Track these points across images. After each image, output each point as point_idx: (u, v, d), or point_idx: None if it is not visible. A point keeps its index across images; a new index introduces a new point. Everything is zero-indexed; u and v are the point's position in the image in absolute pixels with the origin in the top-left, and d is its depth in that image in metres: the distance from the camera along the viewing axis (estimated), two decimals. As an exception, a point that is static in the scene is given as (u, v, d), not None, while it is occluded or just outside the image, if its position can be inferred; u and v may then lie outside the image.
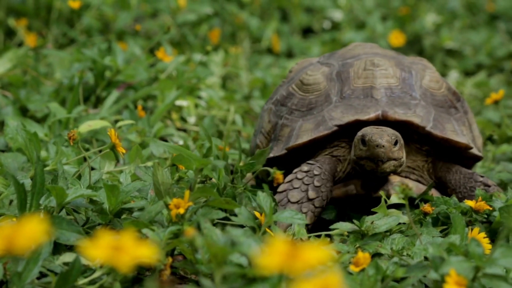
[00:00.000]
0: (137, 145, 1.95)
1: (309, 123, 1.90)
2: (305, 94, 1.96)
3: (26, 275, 1.30)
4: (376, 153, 1.73)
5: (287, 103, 1.98)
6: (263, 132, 2.01)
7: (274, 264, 0.85)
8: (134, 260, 0.91)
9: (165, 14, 3.70)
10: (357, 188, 1.86)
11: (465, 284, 1.30)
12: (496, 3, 4.94)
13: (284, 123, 1.95)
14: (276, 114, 1.99)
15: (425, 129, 1.87)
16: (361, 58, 1.98)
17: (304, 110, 1.94)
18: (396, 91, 1.92)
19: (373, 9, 4.52)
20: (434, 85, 1.98)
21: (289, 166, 1.90)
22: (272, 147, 1.94)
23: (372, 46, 2.07)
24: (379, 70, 1.94)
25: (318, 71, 1.97)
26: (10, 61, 2.64)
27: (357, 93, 1.91)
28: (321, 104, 1.93)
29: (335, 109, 1.90)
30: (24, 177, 1.64)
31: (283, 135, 1.93)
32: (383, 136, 1.74)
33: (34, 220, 0.88)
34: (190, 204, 1.45)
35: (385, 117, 1.86)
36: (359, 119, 1.86)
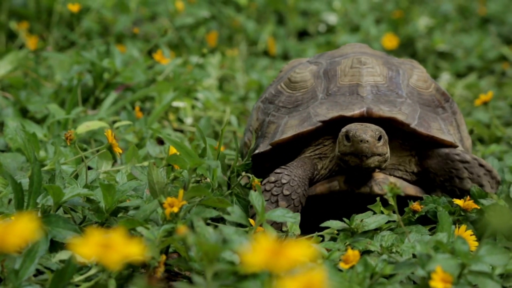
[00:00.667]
0: (133, 145, 1.96)
1: (294, 119, 1.88)
2: (292, 92, 1.94)
3: (23, 272, 1.30)
4: (360, 148, 1.71)
5: (275, 100, 1.96)
6: (251, 129, 1.99)
7: (259, 262, 0.86)
8: (123, 258, 0.91)
9: (163, 17, 3.71)
10: (340, 184, 1.82)
11: (450, 281, 1.30)
12: (488, 7, 4.95)
13: (271, 120, 1.93)
14: (264, 111, 1.97)
15: (410, 126, 1.84)
16: (349, 57, 1.96)
17: (291, 107, 1.92)
18: (383, 89, 1.90)
19: (367, 12, 4.52)
20: (421, 84, 1.95)
21: (277, 162, 1.88)
22: (258, 144, 1.92)
23: (362, 46, 2.05)
24: (365, 68, 1.92)
25: (306, 69, 1.96)
26: (11, 63, 2.64)
27: (343, 90, 1.89)
28: (307, 101, 1.91)
29: (320, 106, 1.88)
30: (22, 177, 1.64)
31: (269, 132, 1.91)
32: (367, 131, 1.72)
33: (25, 218, 0.88)
34: (184, 203, 1.46)
35: (369, 114, 1.83)
36: (343, 115, 1.83)
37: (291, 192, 1.77)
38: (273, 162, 1.90)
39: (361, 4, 4.62)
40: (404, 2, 4.79)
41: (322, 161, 1.87)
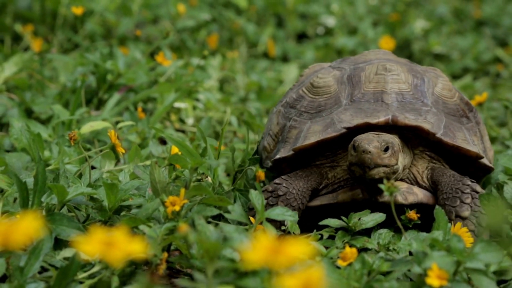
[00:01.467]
0: (136, 145, 1.96)
1: (317, 125, 1.81)
2: (315, 97, 1.87)
3: (28, 269, 1.30)
4: (363, 158, 1.65)
5: (296, 105, 1.89)
6: (271, 134, 1.92)
7: (259, 259, 0.86)
8: (125, 255, 0.91)
9: (165, 20, 3.71)
10: (363, 193, 1.75)
11: (446, 277, 1.30)
12: (483, 10, 4.95)
13: (293, 125, 1.86)
14: (285, 116, 1.89)
15: (436, 135, 1.76)
16: (373, 63, 1.89)
17: (313, 112, 1.85)
18: (408, 97, 1.82)
19: (364, 15, 4.52)
20: (446, 93, 1.87)
21: (296, 168, 1.83)
22: (279, 149, 1.85)
23: (386, 52, 1.98)
24: (390, 75, 1.84)
25: (329, 74, 1.89)
26: (16, 65, 2.64)
27: (367, 97, 1.82)
28: (330, 106, 1.83)
29: (344, 112, 1.80)
30: (27, 176, 1.64)
31: (290, 137, 1.84)
32: (372, 142, 1.66)
33: (30, 217, 0.88)
34: (185, 201, 1.46)
35: (395, 121, 1.75)
36: (369, 122, 1.75)
37: (286, 205, 1.72)
38: (293, 167, 1.84)
39: (359, 7, 4.62)
40: (401, 5, 4.79)
41: (333, 170, 1.81)
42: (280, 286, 0.91)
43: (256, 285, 1.16)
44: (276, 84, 3.38)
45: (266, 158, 1.89)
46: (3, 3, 3.40)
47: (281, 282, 0.90)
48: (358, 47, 4.06)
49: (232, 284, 1.19)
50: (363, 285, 1.37)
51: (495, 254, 1.36)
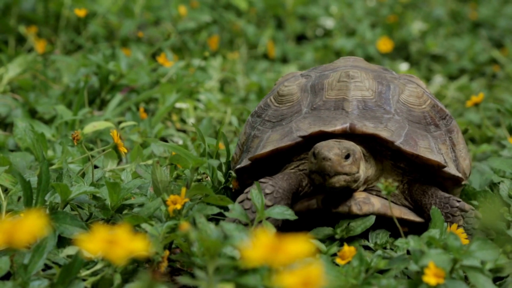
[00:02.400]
0: (138, 145, 1.96)
1: (276, 134, 1.73)
2: (279, 105, 1.79)
3: (31, 267, 1.30)
4: (323, 166, 1.57)
5: (262, 114, 1.81)
6: (238, 144, 1.85)
7: (259, 257, 0.86)
8: (128, 253, 0.91)
9: (166, 22, 3.71)
10: (318, 203, 1.67)
11: (443, 275, 1.30)
12: (479, 11, 4.95)
13: (256, 134, 1.78)
14: (251, 125, 1.82)
15: (394, 143, 1.67)
16: (338, 70, 1.80)
17: (275, 121, 1.77)
18: (370, 104, 1.73)
19: (363, 17, 4.52)
20: (413, 100, 1.77)
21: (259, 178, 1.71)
22: (242, 159, 1.78)
23: (356, 59, 1.90)
24: (353, 82, 1.75)
25: (294, 83, 1.81)
26: (20, 66, 2.64)
27: (328, 105, 1.73)
28: (291, 115, 1.75)
29: (303, 120, 1.72)
30: (31, 175, 1.64)
31: (252, 146, 1.77)
32: (332, 148, 1.58)
33: (34, 215, 0.89)
34: (187, 200, 1.46)
35: (352, 130, 1.67)
36: (324, 130, 1.67)
37: (273, 203, 1.62)
38: (255, 178, 1.73)
39: (357, 9, 4.62)
40: (399, 7, 4.79)
41: (307, 177, 1.71)
42: (279, 284, 0.91)
43: (256, 282, 1.16)
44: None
45: (233, 168, 1.82)
46: (8, 5, 3.40)
47: (280, 279, 0.91)
48: (356, 48, 4.06)
49: (233, 281, 1.19)
50: (361, 282, 1.37)
51: (491, 251, 1.36)
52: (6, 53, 2.99)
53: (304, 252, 0.88)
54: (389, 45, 3.97)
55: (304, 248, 0.88)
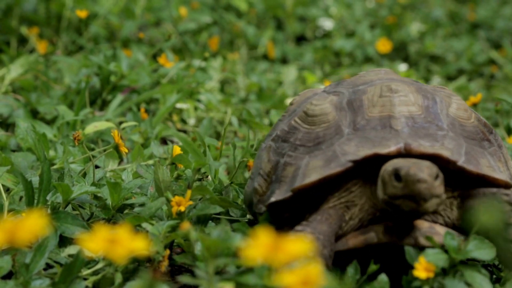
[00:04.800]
0: (139, 145, 1.96)
1: (317, 160, 1.49)
2: (311, 127, 1.55)
3: (33, 266, 1.30)
4: (417, 189, 1.33)
5: (289, 138, 1.57)
6: (261, 173, 1.59)
7: (258, 256, 0.86)
8: (129, 252, 0.91)
9: (167, 23, 3.71)
10: (379, 236, 1.46)
11: (433, 270, 1.31)
12: (477, 13, 4.96)
13: (288, 162, 1.53)
14: (277, 152, 1.57)
15: (457, 164, 1.46)
16: (375, 84, 1.58)
17: (311, 145, 1.53)
18: (419, 121, 1.51)
19: (362, 18, 4.52)
20: (462, 114, 1.56)
21: (297, 211, 1.55)
22: (273, 190, 1.54)
23: (387, 71, 1.67)
24: (397, 97, 1.53)
25: (325, 100, 1.57)
26: (22, 66, 2.64)
27: (373, 123, 1.50)
28: (330, 137, 1.51)
29: (348, 143, 1.48)
30: (32, 175, 1.64)
31: (286, 175, 1.52)
32: (422, 168, 1.35)
33: (35, 215, 0.89)
34: (191, 203, 1.46)
35: (408, 150, 1.44)
36: (378, 152, 1.44)
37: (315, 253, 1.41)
38: (293, 211, 1.55)
39: (356, 10, 4.62)
40: (397, 8, 4.79)
41: (350, 210, 1.49)
42: (279, 283, 0.91)
43: (256, 281, 1.16)
44: (276, 85, 3.38)
45: (259, 202, 1.58)
46: (9, 6, 3.40)
47: (280, 278, 0.91)
48: (356, 49, 4.06)
49: (233, 280, 1.19)
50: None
51: (488, 251, 1.36)
52: (8, 54, 2.99)
53: (303, 251, 0.88)
54: (388, 46, 3.97)
55: (304, 247, 0.88)
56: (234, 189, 1.75)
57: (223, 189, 1.73)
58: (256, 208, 1.57)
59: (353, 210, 1.49)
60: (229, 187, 1.75)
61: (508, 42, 4.46)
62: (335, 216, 1.48)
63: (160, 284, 1.01)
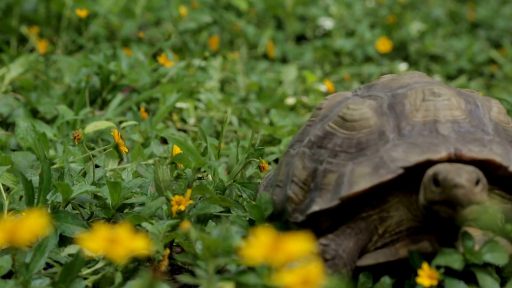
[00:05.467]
0: (139, 144, 1.96)
1: (363, 167, 1.43)
2: (351, 133, 1.49)
3: (33, 265, 1.30)
4: (454, 195, 1.30)
5: (327, 144, 1.51)
6: (296, 181, 1.52)
7: (258, 255, 0.86)
8: (128, 252, 0.91)
9: (167, 22, 3.71)
10: (433, 245, 1.39)
11: (436, 277, 1.30)
12: (477, 12, 4.95)
13: (328, 168, 1.47)
14: (313, 158, 1.52)
15: (508, 169, 1.41)
16: (415, 88, 1.53)
17: (353, 151, 1.47)
18: (464, 125, 1.47)
19: (362, 17, 4.52)
20: (503, 118, 1.54)
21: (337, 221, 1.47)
22: (313, 199, 1.47)
23: (421, 74, 1.61)
24: (441, 101, 1.48)
25: (363, 105, 1.51)
26: (22, 66, 2.64)
27: (418, 128, 1.46)
28: (374, 143, 1.46)
29: (395, 148, 1.43)
30: (32, 174, 1.64)
31: (328, 183, 1.46)
32: (461, 173, 1.31)
33: (36, 214, 0.89)
34: (191, 202, 1.46)
35: (458, 156, 1.39)
36: (430, 158, 1.39)
37: (333, 271, 1.37)
38: (334, 220, 1.47)
39: (356, 10, 4.62)
40: (397, 7, 4.79)
41: (384, 222, 1.44)
42: (279, 282, 0.91)
43: (256, 281, 1.16)
44: (276, 84, 3.38)
45: (294, 211, 1.51)
46: (9, 5, 3.40)
47: (280, 278, 0.90)
48: (356, 48, 4.06)
49: (233, 280, 1.19)
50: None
51: (501, 255, 1.34)
52: (8, 53, 2.99)
53: (304, 251, 0.88)
54: (388, 45, 3.97)
55: (304, 247, 0.88)
56: (237, 188, 1.74)
57: (227, 187, 1.72)
58: (291, 217, 1.51)
59: (389, 222, 1.44)
60: (232, 185, 1.74)
61: (508, 42, 4.46)
62: (365, 230, 1.43)
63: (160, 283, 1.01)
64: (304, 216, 1.46)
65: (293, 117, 2.82)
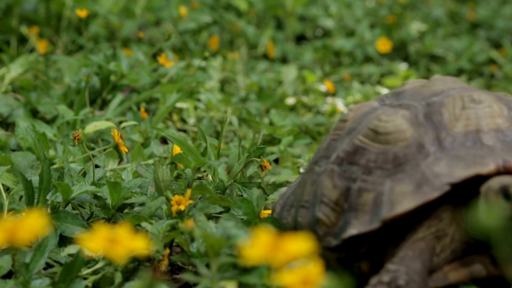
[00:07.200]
0: (139, 145, 1.96)
1: (404, 184, 1.31)
2: (385, 146, 1.37)
3: (33, 265, 1.30)
4: None
5: (359, 160, 1.38)
6: (325, 201, 1.40)
7: (258, 255, 0.86)
8: (128, 252, 0.91)
9: (167, 22, 3.71)
10: (488, 268, 1.30)
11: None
12: (477, 12, 4.95)
13: (362, 187, 1.35)
14: (344, 176, 1.38)
15: None
16: (451, 95, 1.42)
17: (390, 167, 1.34)
18: (509, 134, 1.36)
19: (362, 17, 4.52)
20: None
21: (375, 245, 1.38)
22: (348, 221, 1.34)
23: (454, 79, 1.51)
24: (482, 108, 1.37)
25: (396, 116, 1.38)
26: (22, 66, 2.64)
27: (460, 139, 1.34)
28: (413, 157, 1.33)
29: (437, 163, 1.31)
30: (32, 175, 1.64)
31: (364, 203, 1.34)
32: None
33: (35, 214, 0.89)
34: (191, 202, 1.46)
35: (507, 168, 1.29)
36: (479, 172, 1.28)
37: None
38: (372, 244, 1.36)
39: (356, 10, 4.62)
40: (397, 7, 4.79)
41: (440, 241, 1.33)
42: (279, 282, 0.91)
43: (256, 281, 1.16)
44: (276, 84, 3.38)
45: (326, 235, 1.39)
46: (9, 5, 3.40)
47: (280, 278, 0.90)
48: (356, 48, 4.06)
49: (235, 279, 1.19)
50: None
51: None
52: (8, 54, 2.99)
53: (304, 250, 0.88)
54: (388, 45, 3.97)
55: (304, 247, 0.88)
56: (237, 188, 1.74)
57: (228, 187, 1.72)
58: (322, 242, 1.38)
59: (445, 241, 1.33)
60: (233, 185, 1.74)
61: (508, 42, 4.46)
62: (427, 250, 1.32)
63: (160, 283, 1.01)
64: (338, 240, 1.35)
65: (293, 117, 2.82)
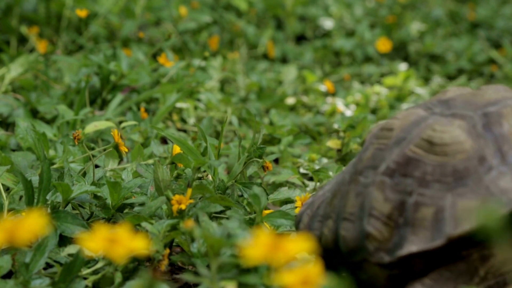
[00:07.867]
0: (139, 145, 1.96)
1: (466, 200, 1.25)
2: (443, 158, 1.30)
3: (33, 265, 1.30)
4: None
5: (413, 172, 1.31)
6: (376, 215, 1.33)
7: (258, 255, 0.86)
8: (128, 252, 0.91)
9: (167, 22, 3.71)
10: None
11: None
12: (477, 12, 4.95)
13: (420, 201, 1.28)
14: (397, 189, 1.32)
15: None
16: (510, 105, 1.35)
17: (450, 180, 1.28)
18: None
19: (362, 17, 4.52)
20: None
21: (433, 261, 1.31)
22: (404, 236, 1.28)
23: (506, 88, 1.43)
24: None
25: (452, 126, 1.32)
26: (22, 66, 2.64)
27: None
28: (475, 171, 1.28)
29: (502, 177, 1.26)
30: (32, 174, 1.64)
31: (422, 219, 1.27)
32: None
33: (35, 214, 0.89)
34: (191, 201, 1.45)
35: None
36: None
37: None
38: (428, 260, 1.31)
39: (356, 10, 4.62)
40: (397, 7, 4.79)
41: (486, 262, 1.28)
42: (279, 282, 0.91)
43: (256, 281, 1.16)
44: (276, 84, 3.38)
45: (378, 251, 1.32)
46: (9, 5, 3.40)
47: (280, 277, 0.90)
48: (356, 48, 4.06)
49: (235, 279, 1.19)
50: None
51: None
52: (8, 53, 2.99)
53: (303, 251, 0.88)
54: (388, 45, 3.97)
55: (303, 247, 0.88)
56: (238, 188, 1.74)
57: (229, 187, 1.72)
58: (373, 257, 1.32)
59: (491, 262, 1.28)
60: (234, 185, 1.74)
61: (508, 42, 4.46)
62: (466, 272, 1.26)
63: (160, 283, 1.01)
64: (393, 257, 1.28)
65: (293, 117, 2.82)
